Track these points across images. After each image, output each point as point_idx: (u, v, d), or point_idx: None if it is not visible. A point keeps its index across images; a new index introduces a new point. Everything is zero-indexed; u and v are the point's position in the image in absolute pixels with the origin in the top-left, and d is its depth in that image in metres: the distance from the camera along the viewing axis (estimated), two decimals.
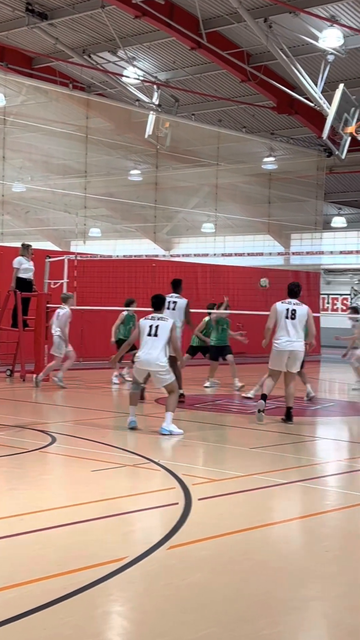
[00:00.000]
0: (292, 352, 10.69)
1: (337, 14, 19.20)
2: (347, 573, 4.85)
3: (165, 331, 9.64)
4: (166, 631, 3.91)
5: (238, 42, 21.29)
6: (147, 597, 4.36)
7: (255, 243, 32.82)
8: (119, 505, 6.23)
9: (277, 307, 10.85)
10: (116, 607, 4.22)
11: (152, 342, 9.62)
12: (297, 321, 10.71)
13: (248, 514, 6.10)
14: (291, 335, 10.68)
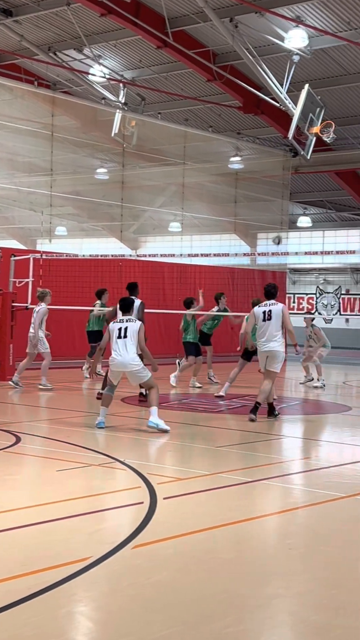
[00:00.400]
0: (270, 352, 10.95)
1: (302, 15, 19.31)
2: (311, 570, 4.88)
3: (134, 332, 9.81)
4: (131, 631, 3.89)
5: (204, 41, 21.31)
6: (112, 597, 4.34)
7: (222, 242, 32.93)
8: (84, 505, 6.19)
9: (254, 311, 11.22)
10: (80, 607, 4.20)
11: (123, 344, 9.76)
12: (273, 321, 10.97)
13: (213, 513, 6.11)
14: (267, 336, 10.96)
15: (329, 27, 19.56)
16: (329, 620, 4.07)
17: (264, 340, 10.98)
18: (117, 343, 9.81)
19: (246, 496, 6.81)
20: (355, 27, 19.39)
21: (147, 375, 9.89)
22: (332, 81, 22.28)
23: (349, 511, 6.44)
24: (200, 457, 8.69)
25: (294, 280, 33.70)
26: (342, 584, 4.66)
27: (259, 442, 9.68)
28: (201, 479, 7.21)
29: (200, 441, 9.76)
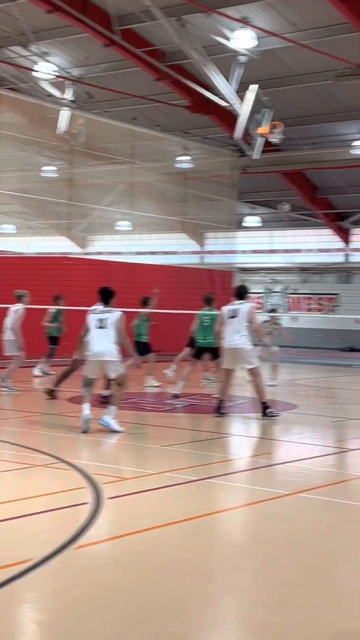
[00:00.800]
0: (235, 349, 11.08)
1: (249, 16, 19.45)
2: (254, 568, 4.94)
3: (113, 323, 9.83)
4: (74, 631, 3.89)
5: (152, 40, 21.32)
6: (55, 598, 4.34)
7: (171, 241, 33.00)
8: (27, 506, 6.15)
9: (222, 310, 11.43)
10: (24, 608, 4.18)
11: (103, 334, 9.77)
12: (238, 319, 11.11)
13: (158, 512, 6.13)
14: (233, 333, 11.12)
15: (275, 28, 19.74)
16: (269, 616, 4.13)
17: (229, 337, 11.13)
18: (96, 333, 9.79)
19: (191, 495, 6.84)
20: (302, 28, 19.62)
21: (121, 370, 9.89)
22: (279, 82, 22.48)
23: (292, 509, 6.53)
24: (146, 456, 8.70)
25: (242, 279, 33.91)
26: (284, 580, 4.72)
27: (205, 440, 9.74)
28: (147, 479, 7.23)
29: (147, 440, 9.78)
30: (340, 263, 31.56)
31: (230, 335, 11.14)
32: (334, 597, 4.46)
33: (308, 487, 7.10)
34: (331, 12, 18.65)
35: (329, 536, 5.76)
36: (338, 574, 4.94)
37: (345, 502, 6.74)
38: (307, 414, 12.39)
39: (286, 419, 11.53)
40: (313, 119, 24.56)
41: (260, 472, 8.04)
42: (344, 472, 8.19)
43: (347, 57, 19.57)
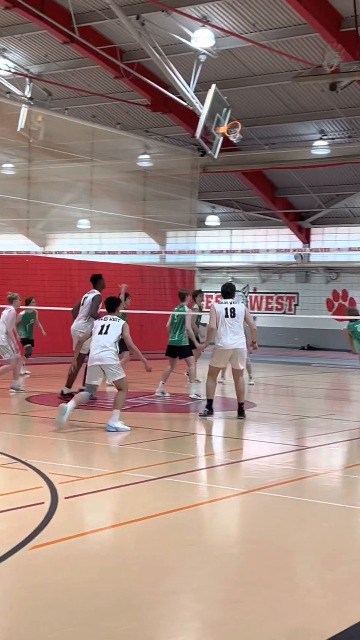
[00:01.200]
0: (236, 350, 10.95)
1: (208, 15, 19.50)
2: (209, 566, 4.93)
3: (116, 330, 10.12)
4: (26, 631, 3.85)
5: (111, 38, 21.25)
6: (8, 598, 4.28)
7: (132, 240, 32.95)
8: None
9: (215, 307, 11.09)
10: None
11: (104, 339, 10.05)
12: (236, 319, 10.99)
13: (114, 511, 6.10)
14: (233, 334, 10.93)
15: (235, 28, 19.82)
16: (223, 614, 4.12)
17: (231, 337, 10.89)
18: (98, 339, 10.08)
19: (149, 494, 6.82)
20: (260, 29, 19.72)
21: (121, 375, 10.09)
22: (238, 82, 22.58)
23: (250, 506, 6.55)
24: (104, 455, 8.65)
25: (202, 278, 33.99)
26: (239, 578, 4.73)
27: (163, 439, 9.72)
28: (104, 478, 7.19)
29: (105, 440, 9.71)
30: (299, 262, 31.80)
31: (231, 337, 10.89)
32: (290, 594, 4.47)
33: (267, 485, 7.13)
34: (290, 13, 18.78)
35: (286, 533, 5.78)
36: (294, 571, 4.96)
37: (303, 499, 6.78)
38: (266, 413, 12.45)
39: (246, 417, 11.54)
40: (272, 119, 24.71)
41: (219, 470, 8.05)
42: (302, 469, 8.24)
43: (305, 58, 19.73)
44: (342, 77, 16.26)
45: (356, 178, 27.93)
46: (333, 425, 11.37)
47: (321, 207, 29.83)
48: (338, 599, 4.39)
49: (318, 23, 18.03)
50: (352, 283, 30.68)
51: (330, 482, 7.62)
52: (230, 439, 10.32)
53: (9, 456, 7.94)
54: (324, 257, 31.24)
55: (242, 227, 33.02)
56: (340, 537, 5.67)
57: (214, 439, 10.41)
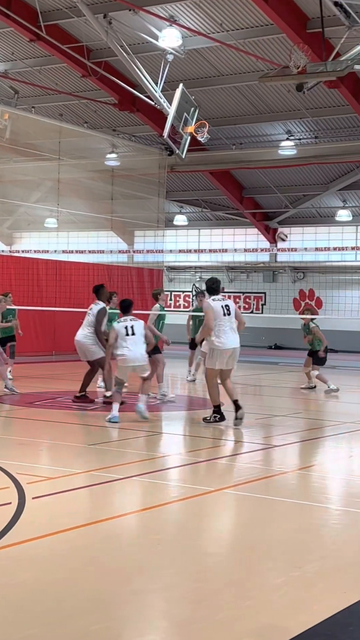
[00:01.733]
0: (235, 349, 10.47)
1: (176, 14, 19.51)
2: (177, 565, 4.94)
3: (141, 329, 10.90)
4: None
5: (78, 36, 21.15)
6: None
7: (99, 239, 32.84)
8: None
9: (212, 305, 10.42)
10: None
11: (133, 340, 10.77)
12: (232, 317, 10.48)
13: (83, 511, 6.08)
14: (232, 333, 10.45)
15: (202, 28, 19.85)
16: (190, 613, 4.14)
17: (231, 337, 10.37)
18: (127, 340, 10.75)
19: (117, 493, 6.81)
20: (227, 29, 19.78)
21: (149, 370, 11.24)
22: (205, 81, 22.62)
23: (217, 505, 6.57)
24: (72, 455, 8.61)
25: (170, 277, 34.01)
26: (206, 577, 4.74)
27: (132, 439, 9.71)
28: (72, 478, 7.16)
29: (73, 439, 9.68)
30: (266, 262, 31.97)
31: (232, 335, 10.38)
32: (258, 592, 4.50)
33: (234, 484, 7.16)
34: (257, 14, 18.86)
35: (253, 532, 5.81)
36: (261, 569, 4.98)
37: (271, 497, 6.82)
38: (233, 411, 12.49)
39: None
40: (239, 119, 24.80)
41: (187, 469, 8.06)
42: (270, 468, 8.29)
43: (272, 59, 19.83)
44: (308, 78, 16.34)
45: (323, 178, 28.15)
46: (300, 424, 11.45)
47: (288, 207, 30.01)
48: (305, 597, 4.43)
49: (284, 24, 18.13)
50: (319, 282, 30.93)
51: (298, 480, 7.68)
52: (198, 438, 10.33)
53: None
54: (291, 257, 31.45)
55: (210, 227, 33.09)
56: (307, 535, 5.71)
57: (182, 438, 10.42)
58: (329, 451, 9.51)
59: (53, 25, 20.61)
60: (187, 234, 33.57)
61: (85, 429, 10.52)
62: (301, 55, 15.83)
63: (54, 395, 13.77)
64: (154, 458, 8.69)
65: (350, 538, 5.66)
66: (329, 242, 30.48)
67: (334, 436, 10.47)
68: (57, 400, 13.13)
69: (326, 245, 30.49)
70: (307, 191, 29.14)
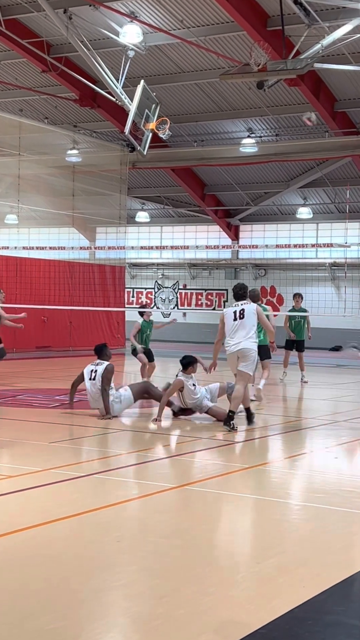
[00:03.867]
0: (240, 351, 10.24)
1: (136, 11, 19.46)
2: (138, 561, 4.93)
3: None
4: None
5: (38, 31, 20.99)
6: None
7: (61, 236, 32.64)
8: None
9: (224, 312, 10.54)
10: None
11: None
12: (245, 320, 10.29)
13: (42, 509, 6.04)
14: (239, 335, 10.26)
15: (163, 25, 19.84)
16: (150, 609, 4.13)
17: (235, 340, 10.22)
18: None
19: (78, 491, 6.78)
20: (188, 25, 19.79)
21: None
22: (167, 78, 22.62)
23: (178, 501, 6.58)
24: (32, 453, 8.54)
25: (133, 274, 33.96)
26: (167, 573, 4.74)
27: (93, 436, 9.67)
28: (32, 476, 7.11)
29: (33, 437, 9.60)
30: (228, 259, 32.09)
31: (236, 339, 10.22)
32: (218, 588, 4.51)
33: (195, 480, 7.18)
34: (217, 11, 18.91)
35: (212, 528, 5.83)
36: (222, 565, 5.00)
37: (232, 493, 6.85)
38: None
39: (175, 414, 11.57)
40: (200, 116, 24.84)
41: (148, 466, 8.05)
42: (231, 464, 8.32)
43: (232, 56, 19.90)
44: (269, 75, 16.44)
45: (283, 176, 28.33)
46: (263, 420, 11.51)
47: (249, 205, 30.16)
48: (265, 592, 4.45)
49: (245, 21, 18.21)
50: (280, 279, 31.14)
51: (258, 476, 7.72)
52: (161, 435, 10.33)
53: None
54: (252, 254, 31.61)
55: (172, 224, 33.11)
56: (267, 530, 5.75)
57: (146, 435, 10.40)
58: (287, 447, 9.57)
59: (13, 20, 20.45)
60: (149, 231, 33.55)
61: (46, 426, 10.44)
62: (262, 53, 15.91)
63: (14, 393, 13.66)
64: (115, 455, 8.67)
65: (309, 533, 5.70)
66: (290, 240, 30.71)
67: (295, 432, 10.54)
68: (17, 398, 13.03)
69: (287, 243, 30.71)
70: (268, 189, 29.31)
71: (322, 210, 29.83)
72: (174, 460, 8.37)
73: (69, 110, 25.62)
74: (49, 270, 24.46)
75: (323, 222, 30.01)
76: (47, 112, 25.67)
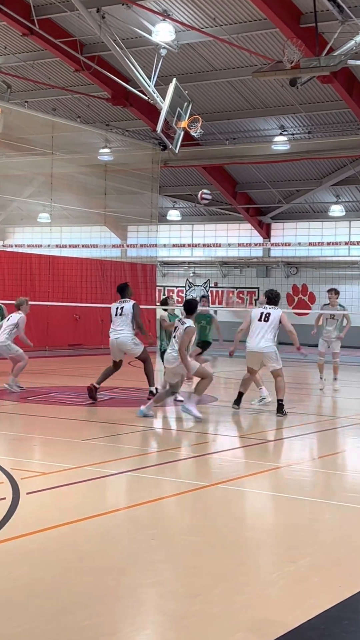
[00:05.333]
0: (261, 353, 11.32)
1: (169, 9, 19.46)
2: (172, 559, 4.95)
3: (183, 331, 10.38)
4: None
5: (71, 30, 21.08)
6: None
7: (93, 234, 32.80)
8: None
9: (252, 311, 11.67)
10: None
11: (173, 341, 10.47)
12: (268, 324, 11.28)
13: (77, 506, 6.08)
14: (259, 336, 11.27)
15: (195, 23, 19.81)
16: (185, 607, 4.14)
17: (256, 340, 11.29)
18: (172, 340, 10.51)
19: (111, 488, 6.82)
20: (221, 23, 19.74)
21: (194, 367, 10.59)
22: (199, 76, 22.59)
23: (211, 500, 6.58)
24: (66, 450, 8.60)
25: (164, 272, 33.99)
26: (201, 571, 4.75)
27: (126, 434, 9.71)
28: (66, 473, 7.16)
29: (67, 434, 9.67)
30: (260, 257, 31.98)
31: (256, 340, 11.30)
32: (252, 586, 4.51)
33: (229, 478, 7.17)
34: (250, 8, 18.83)
35: (245, 526, 5.82)
36: (256, 564, 4.99)
37: (265, 492, 6.83)
38: (228, 407, 12.50)
39: (206, 411, 11.60)
40: (232, 114, 24.77)
41: (181, 464, 8.07)
42: (264, 463, 8.30)
43: (265, 53, 19.81)
44: (302, 73, 16.33)
45: (315, 174, 28.16)
46: (295, 419, 11.47)
47: (281, 203, 30.02)
48: (300, 591, 4.44)
49: (278, 18, 18.10)
50: (312, 277, 30.97)
51: (291, 475, 7.69)
52: (192, 433, 10.34)
53: None
54: (284, 252, 31.47)
55: (203, 222, 33.08)
56: (300, 530, 5.73)
57: (177, 433, 10.42)
58: (322, 446, 9.52)
59: (46, 20, 20.56)
60: (181, 229, 33.55)
61: (79, 424, 10.51)
62: (294, 50, 15.81)
63: (47, 390, 13.76)
64: (148, 453, 8.70)
65: (344, 532, 5.67)
66: (322, 237, 30.53)
67: (328, 431, 10.49)
68: (50, 395, 13.13)
69: (319, 240, 30.53)
70: (300, 186, 29.15)
71: (355, 208, 29.60)
72: (207, 458, 8.37)
73: (102, 109, 25.72)
74: (80, 269, 24.59)
75: (356, 219, 29.77)
76: (80, 111, 25.78)
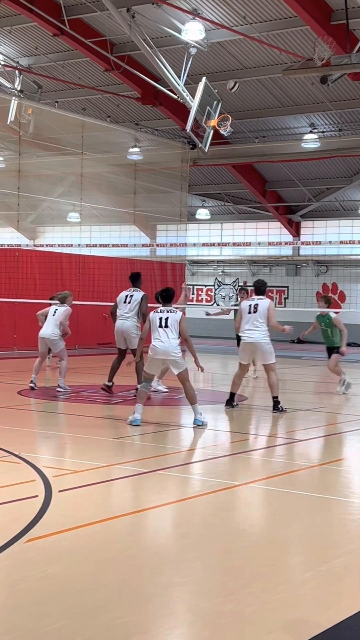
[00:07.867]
0: (253, 343, 11.26)
1: (199, 7, 19.45)
2: (204, 558, 4.94)
3: (175, 322, 9.98)
4: (21, 624, 3.84)
5: (101, 30, 21.16)
6: (3, 591, 4.28)
7: (122, 233, 32.90)
8: None
9: (241, 305, 11.71)
10: None
11: (165, 333, 9.94)
12: (258, 314, 11.27)
13: (108, 504, 6.10)
14: (251, 327, 11.27)
15: (225, 21, 19.78)
16: (219, 606, 4.13)
17: (248, 332, 11.29)
18: (159, 332, 9.94)
19: (142, 487, 6.83)
20: (251, 21, 19.69)
21: (183, 366, 9.94)
22: (228, 75, 22.52)
23: (243, 499, 6.56)
24: (97, 448, 8.64)
25: (193, 271, 33.99)
26: (234, 571, 4.74)
27: (156, 432, 9.72)
28: (97, 471, 7.19)
29: (97, 433, 9.71)
30: (289, 256, 31.84)
31: (249, 330, 11.28)
32: (286, 586, 4.49)
33: (259, 478, 7.15)
34: (280, 6, 18.76)
35: (279, 526, 5.80)
36: (289, 564, 4.97)
37: (296, 492, 6.80)
38: (257, 406, 12.49)
39: (236, 410, 11.58)
40: (262, 112, 24.69)
41: (211, 463, 8.06)
42: (294, 462, 8.27)
43: (296, 51, 19.71)
44: (332, 70, 16.25)
45: (346, 172, 27.96)
46: (324, 418, 11.41)
47: (311, 201, 29.86)
48: (334, 591, 4.41)
49: (308, 16, 18.01)
50: (342, 276, 30.76)
51: (323, 474, 7.65)
52: (221, 431, 10.33)
53: (2, 449, 7.92)
54: (314, 251, 31.31)
55: (233, 221, 33.01)
56: (333, 530, 5.69)
57: (205, 431, 10.41)
58: (355, 445, 9.46)
59: (76, 20, 20.66)
60: (210, 228, 33.52)
61: (109, 422, 10.55)
62: (325, 47, 15.73)
63: (77, 389, 13.82)
64: (178, 452, 8.70)
65: None
66: (352, 236, 30.30)
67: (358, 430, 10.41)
68: (81, 393, 13.18)
69: (350, 239, 30.30)
70: (330, 184, 28.97)
71: None
72: (238, 458, 8.35)
73: (131, 108, 25.78)
74: (110, 268, 24.67)
75: None
76: (110, 110, 25.87)
